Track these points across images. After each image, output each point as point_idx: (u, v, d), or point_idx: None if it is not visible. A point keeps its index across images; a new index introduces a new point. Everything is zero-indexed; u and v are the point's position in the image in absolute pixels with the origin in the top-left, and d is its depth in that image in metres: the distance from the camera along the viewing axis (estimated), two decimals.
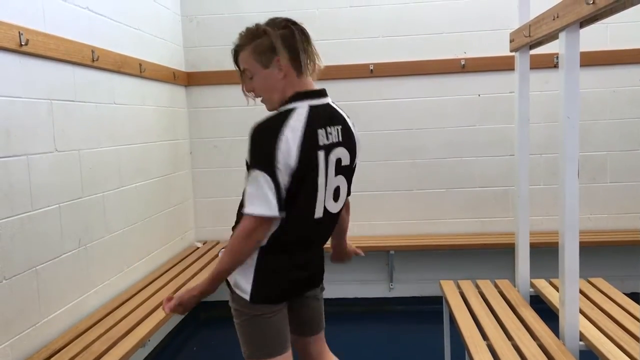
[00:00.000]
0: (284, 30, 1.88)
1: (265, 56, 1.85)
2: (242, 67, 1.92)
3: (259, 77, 1.89)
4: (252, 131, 1.79)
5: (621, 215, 4.22)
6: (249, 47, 1.88)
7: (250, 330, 1.95)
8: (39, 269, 2.43)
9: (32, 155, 2.40)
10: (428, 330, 3.72)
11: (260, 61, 1.86)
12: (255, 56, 1.87)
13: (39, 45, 2.43)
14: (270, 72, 1.86)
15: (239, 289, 1.92)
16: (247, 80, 1.92)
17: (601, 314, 2.56)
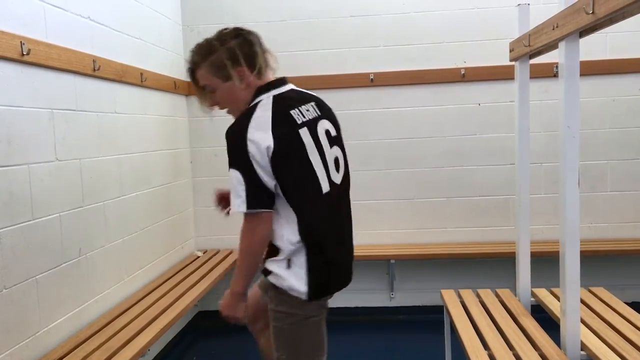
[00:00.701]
0: (236, 40, 1.95)
1: (223, 70, 1.92)
2: (202, 85, 1.99)
3: (221, 91, 1.96)
4: (226, 134, 1.88)
5: (622, 224, 4.22)
6: (204, 64, 1.95)
7: (299, 334, 1.98)
8: (39, 278, 2.42)
9: (33, 164, 2.41)
10: (429, 340, 3.70)
11: (220, 76, 1.94)
12: (214, 72, 1.94)
13: (41, 54, 2.44)
14: (231, 84, 1.94)
15: (292, 290, 1.94)
16: (208, 96, 1.99)
17: (602, 324, 2.55)
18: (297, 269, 1.94)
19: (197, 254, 4.36)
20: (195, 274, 3.78)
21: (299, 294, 1.93)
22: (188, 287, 3.46)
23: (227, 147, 1.87)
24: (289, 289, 1.94)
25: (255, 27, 4.17)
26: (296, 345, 1.98)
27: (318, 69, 4.29)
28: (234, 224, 4.33)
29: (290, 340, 1.98)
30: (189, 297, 3.29)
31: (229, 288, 2.03)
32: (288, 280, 1.94)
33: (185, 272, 3.83)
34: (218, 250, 4.43)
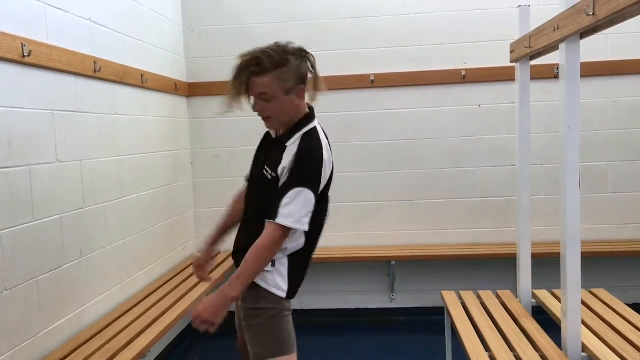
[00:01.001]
0: (303, 60, 2.04)
1: (287, 84, 1.97)
2: (257, 91, 1.98)
3: (277, 101, 1.98)
4: (304, 153, 1.97)
5: (623, 225, 4.22)
6: (273, 72, 1.95)
7: (278, 326, 2.06)
8: (40, 280, 2.42)
9: (34, 166, 2.41)
10: (430, 341, 3.70)
11: (283, 88, 1.97)
12: (279, 83, 1.96)
13: (42, 56, 2.44)
14: (289, 98, 2.00)
15: (276, 288, 2.04)
16: (259, 101, 2.00)
17: (603, 325, 2.55)
18: (280, 267, 2.05)
19: (197, 255, 4.34)
20: (195, 276, 3.76)
21: (280, 291, 2.04)
22: (188, 288, 3.46)
23: (303, 165, 1.96)
24: (273, 286, 2.03)
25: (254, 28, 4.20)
26: (275, 337, 2.05)
27: (319, 70, 4.28)
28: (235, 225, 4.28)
29: (269, 334, 2.05)
30: (189, 298, 3.28)
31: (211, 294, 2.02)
32: (272, 278, 2.04)
33: (185, 273, 3.82)
34: (218, 252, 4.41)
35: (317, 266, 4.22)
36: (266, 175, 2.04)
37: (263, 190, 2.05)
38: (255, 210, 2.09)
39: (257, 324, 2.06)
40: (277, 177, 1.99)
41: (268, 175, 2.03)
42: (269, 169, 2.03)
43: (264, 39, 4.62)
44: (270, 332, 2.05)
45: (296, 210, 1.92)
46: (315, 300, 4.41)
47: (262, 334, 2.06)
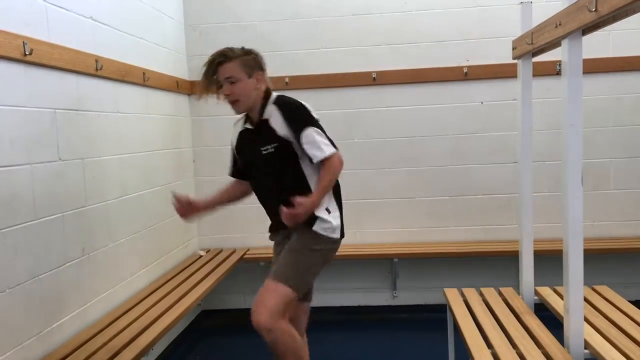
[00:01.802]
0: (257, 54, 2.55)
1: (250, 69, 2.46)
2: (224, 75, 2.44)
3: (242, 83, 2.45)
4: (287, 104, 2.47)
5: (625, 222, 4.21)
6: (238, 59, 2.45)
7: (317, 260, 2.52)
8: (42, 278, 2.43)
9: (36, 164, 2.41)
10: (432, 339, 3.70)
11: (246, 72, 2.45)
12: (243, 67, 2.45)
13: (43, 54, 2.44)
14: (252, 81, 2.47)
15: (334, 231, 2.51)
16: (227, 85, 2.44)
17: (606, 322, 2.54)
18: (334, 213, 2.53)
19: (200, 253, 4.36)
20: (198, 273, 3.78)
21: (336, 233, 2.52)
22: (191, 286, 3.47)
23: (294, 113, 2.44)
24: (326, 230, 2.48)
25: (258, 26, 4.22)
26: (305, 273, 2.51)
27: (320, 68, 4.29)
28: (237, 223, 4.34)
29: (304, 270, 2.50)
30: (192, 296, 3.29)
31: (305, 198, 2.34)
32: (332, 222, 2.49)
33: (188, 271, 3.83)
34: (221, 249, 4.43)
35: None
36: (268, 152, 2.45)
37: (275, 165, 2.46)
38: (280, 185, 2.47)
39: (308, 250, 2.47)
40: (279, 145, 2.42)
41: (270, 149, 2.44)
42: (267, 146, 2.45)
43: (265, 37, 4.65)
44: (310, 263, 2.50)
45: (318, 141, 2.38)
46: (318, 297, 4.38)
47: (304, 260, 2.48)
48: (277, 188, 2.51)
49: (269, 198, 2.58)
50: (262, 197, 2.63)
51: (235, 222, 4.42)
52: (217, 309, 4.45)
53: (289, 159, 2.47)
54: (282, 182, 2.49)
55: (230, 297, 4.43)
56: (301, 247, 2.49)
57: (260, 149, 2.48)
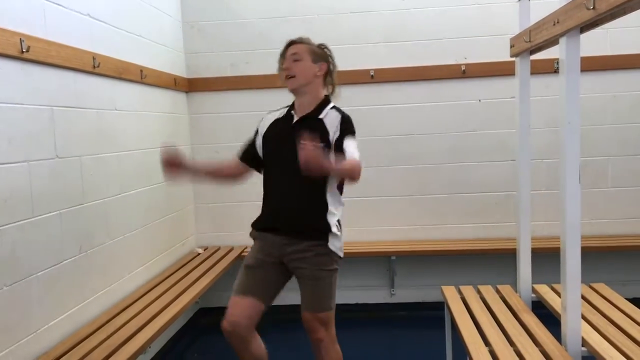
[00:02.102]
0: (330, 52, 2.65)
1: (316, 57, 2.55)
2: (291, 52, 2.53)
3: (304, 63, 2.51)
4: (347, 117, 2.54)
5: (623, 220, 4.22)
6: (309, 45, 2.57)
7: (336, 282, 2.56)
8: (40, 276, 2.42)
9: (33, 162, 2.40)
10: (430, 336, 3.70)
11: (311, 57, 2.53)
12: (311, 52, 2.55)
13: (40, 51, 2.43)
14: (314, 67, 2.53)
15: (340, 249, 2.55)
16: (290, 60, 2.51)
17: (603, 320, 2.55)
18: (342, 229, 2.58)
19: (197, 251, 4.36)
20: (195, 271, 3.78)
21: (340, 250, 2.55)
22: (189, 284, 3.46)
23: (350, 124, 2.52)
24: (339, 250, 2.54)
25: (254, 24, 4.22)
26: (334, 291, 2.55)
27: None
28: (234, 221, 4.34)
29: (333, 290, 2.53)
30: (189, 294, 3.29)
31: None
32: (341, 240, 2.55)
33: (186, 269, 3.83)
34: (218, 247, 4.43)
35: None
36: None
37: None
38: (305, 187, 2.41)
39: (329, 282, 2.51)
40: (325, 146, 2.34)
41: None
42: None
43: (263, 34, 4.64)
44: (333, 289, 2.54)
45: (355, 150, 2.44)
46: None
47: (330, 290, 2.51)
48: (299, 188, 2.44)
49: (284, 195, 2.51)
50: (277, 192, 2.55)
51: (233, 220, 4.42)
52: (214, 306, 4.44)
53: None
54: (308, 185, 2.39)
55: (228, 294, 4.34)
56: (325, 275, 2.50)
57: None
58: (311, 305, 2.50)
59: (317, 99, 2.55)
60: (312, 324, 2.49)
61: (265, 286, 2.56)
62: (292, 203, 2.48)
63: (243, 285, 2.56)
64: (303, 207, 2.49)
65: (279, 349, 2.92)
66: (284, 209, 2.52)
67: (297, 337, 2.54)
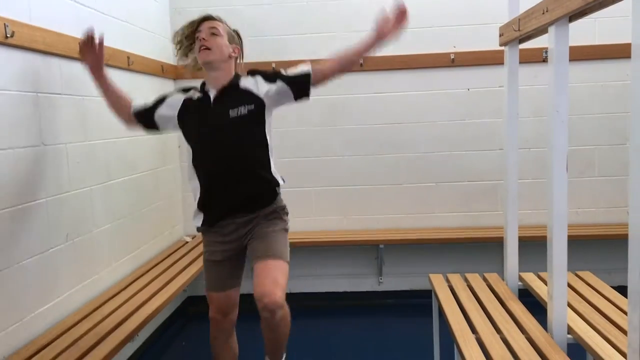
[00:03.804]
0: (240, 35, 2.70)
1: (231, 38, 2.58)
2: (209, 26, 2.50)
3: (221, 40, 2.51)
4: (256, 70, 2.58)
5: (609, 209, 4.26)
6: (226, 25, 2.60)
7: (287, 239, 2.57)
8: (26, 264, 2.40)
9: (19, 149, 2.37)
10: (417, 324, 3.73)
11: (228, 36, 2.56)
12: (228, 32, 2.57)
13: (25, 37, 2.39)
14: (229, 45, 2.54)
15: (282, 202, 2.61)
16: (207, 32, 2.49)
17: (589, 307, 2.57)
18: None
19: (185, 239, 4.34)
20: (183, 259, 3.77)
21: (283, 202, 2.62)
22: (177, 272, 3.45)
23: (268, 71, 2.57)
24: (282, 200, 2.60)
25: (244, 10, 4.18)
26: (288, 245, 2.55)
27: (307, 54, 4.23)
28: None
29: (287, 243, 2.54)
30: (177, 282, 3.28)
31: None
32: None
33: (173, 257, 3.82)
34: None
35: (306, 250, 4.25)
36: (240, 113, 2.42)
37: (244, 128, 2.44)
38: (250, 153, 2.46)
39: (282, 229, 2.53)
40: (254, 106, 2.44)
41: (244, 110, 2.43)
42: (242, 107, 2.43)
43: (252, 21, 4.60)
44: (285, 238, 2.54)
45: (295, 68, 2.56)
46: (304, 283, 4.42)
47: (285, 239, 2.51)
48: (243, 158, 2.46)
49: (229, 178, 2.46)
50: (219, 176, 2.48)
51: None
52: (203, 295, 4.42)
53: (258, 125, 2.49)
54: (251, 149, 2.47)
55: None
56: (279, 229, 2.52)
57: (228, 112, 2.43)
58: (265, 251, 2.42)
59: (230, 76, 2.55)
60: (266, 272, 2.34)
61: (236, 274, 2.63)
62: (240, 184, 2.46)
63: (216, 280, 2.60)
64: (252, 183, 2.49)
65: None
66: (233, 193, 2.47)
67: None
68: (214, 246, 2.58)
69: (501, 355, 2.13)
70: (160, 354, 3.70)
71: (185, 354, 3.71)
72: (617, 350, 2.11)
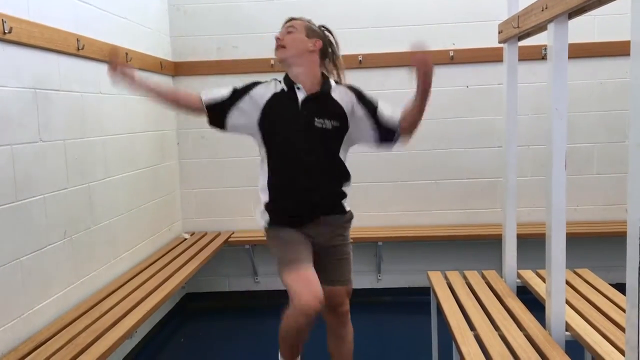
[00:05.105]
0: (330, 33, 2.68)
1: (311, 32, 2.51)
2: (288, 25, 2.50)
3: (297, 35, 2.46)
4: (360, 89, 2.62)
5: (607, 206, 4.26)
6: (305, 22, 2.54)
7: None
8: (24, 260, 2.40)
9: (17, 145, 2.37)
10: (416, 321, 3.73)
11: (306, 32, 2.49)
12: (306, 27, 2.50)
13: (23, 33, 2.39)
14: (307, 40, 2.46)
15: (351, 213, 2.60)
16: (284, 32, 2.48)
17: (587, 305, 2.58)
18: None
19: (184, 236, 4.34)
20: (182, 256, 3.77)
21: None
22: (175, 269, 3.45)
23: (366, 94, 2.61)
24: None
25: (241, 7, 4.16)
26: None
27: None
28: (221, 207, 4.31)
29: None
30: (176, 279, 3.28)
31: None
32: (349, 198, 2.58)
33: (172, 254, 3.81)
34: (205, 232, 4.41)
35: None
36: (324, 126, 2.39)
37: (325, 140, 2.42)
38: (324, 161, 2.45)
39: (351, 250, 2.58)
40: (340, 123, 2.43)
41: (328, 125, 2.40)
42: (327, 120, 2.40)
43: (249, 18, 4.58)
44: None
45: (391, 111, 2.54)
46: None
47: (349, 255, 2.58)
48: (321, 167, 2.44)
49: (305, 178, 2.40)
50: (293, 176, 2.41)
51: (220, 205, 4.41)
52: (201, 291, 4.44)
53: (340, 141, 2.48)
54: (332, 161, 2.48)
55: (214, 280, 4.42)
56: (350, 250, 2.58)
57: (314, 120, 2.38)
58: (341, 278, 2.53)
59: (314, 76, 2.45)
60: (341, 298, 2.53)
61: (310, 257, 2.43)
62: (319, 188, 2.45)
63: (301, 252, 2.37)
64: (330, 190, 2.51)
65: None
66: (312, 196, 2.43)
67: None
68: (288, 230, 2.44)
69: (499, 352, 2.13)
70: (159, 350, 3.70)
71: (184, 351, 3.71)
72: (615, 347, 2.11)
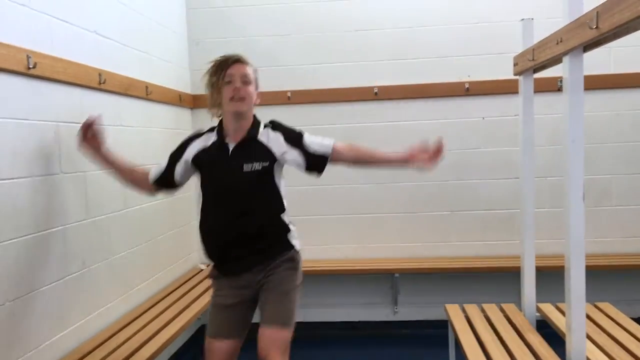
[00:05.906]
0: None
1: (257, 84, 2.50)
2: (241, 72, 2.40)
3: (252, 88, 2.43)
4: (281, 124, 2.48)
5: (627, 238, 4.20)
6: (252, 68, 2.47)
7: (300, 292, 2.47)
8: (43, 291, 2.42)
9: (38, 177, 2.41)
10: (433, 355, 3.68)
11: (256, 83, 2.49)
12: (255, 78, 2.48)
13: (47, 68, 2.45)
14: (255, 93, 2.47)
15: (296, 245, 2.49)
16: (240, 81, 2.39)
17: (608, 339, 2.53)
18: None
19: (200, 267, 4.35)
20: (198, 287, 3.77)
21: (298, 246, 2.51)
22: (191, 300, 3.45)
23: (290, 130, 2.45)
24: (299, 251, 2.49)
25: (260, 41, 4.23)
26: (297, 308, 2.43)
27: (323, 82, 4.30)
28: None
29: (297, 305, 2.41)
30: (191, 310, 3.28)
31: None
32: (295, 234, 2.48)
33: (188, 285, 3.82)
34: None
35: (321, 278, 4.23)
36: (254, 170, 2.33)
37: (257, 184, 2.35)
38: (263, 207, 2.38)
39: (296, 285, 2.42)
40: (269, 163, 2.35)
41: (258, 167, 2.34)
42: (256, 163, 2.34)
43: (268, 51, 4.67)
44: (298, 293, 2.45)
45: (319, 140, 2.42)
46: (319, 313, 4.40)
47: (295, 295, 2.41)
48: (255, 211, 2.36)
49: (237, 225, 2.36)
50: (224, 225, 2.40)
51: None
52: None
53: (271, 179, 2.40)
54: (263, 203, 2.38)
55: None
56: (292, 287, 2.39)
57: (242, 167, 2.34)
58: (272, 316, 2.32)
59: (248, 124, 2.43)
60: (266, 346, 2.25)
61: (246, 320, 2.46)
62: (253, 238, 2.37)
63: (222, 325, 2.41)
64: (266, 236, 2.39)
65: None
66: (246, 245, 2.38)
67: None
68: (226, 290, 2.44)
69: None
70: None
71: None
72: None
